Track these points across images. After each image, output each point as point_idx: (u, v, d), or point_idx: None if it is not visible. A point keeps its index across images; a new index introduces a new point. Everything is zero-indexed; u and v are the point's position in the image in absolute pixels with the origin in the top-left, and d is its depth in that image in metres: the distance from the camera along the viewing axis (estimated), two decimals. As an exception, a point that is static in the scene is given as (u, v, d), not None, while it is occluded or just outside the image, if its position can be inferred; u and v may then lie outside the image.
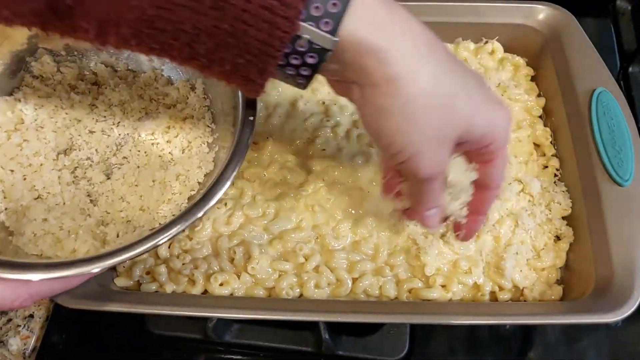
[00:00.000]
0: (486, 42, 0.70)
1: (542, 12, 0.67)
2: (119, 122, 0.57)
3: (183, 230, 0.44)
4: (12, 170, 0.52)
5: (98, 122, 0.57)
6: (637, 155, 0.56)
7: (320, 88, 0.67)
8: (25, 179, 0.52)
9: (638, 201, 0.54)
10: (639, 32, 0.77)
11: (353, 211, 0.59)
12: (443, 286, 0.55)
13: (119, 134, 0.57)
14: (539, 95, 0.67)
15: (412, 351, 0.57)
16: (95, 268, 0.42)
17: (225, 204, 0.58)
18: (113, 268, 0.57)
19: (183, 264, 0.56)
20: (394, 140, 0.40)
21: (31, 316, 0.60)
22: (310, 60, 0.37)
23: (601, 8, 0.80)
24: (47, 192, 0.52)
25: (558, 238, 0.58)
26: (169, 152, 0.55)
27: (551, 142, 0.63)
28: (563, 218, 0.58)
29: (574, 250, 0.57)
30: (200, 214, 0.44)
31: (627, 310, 0.48)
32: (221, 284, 0.54)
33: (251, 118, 0.48)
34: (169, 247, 0.57)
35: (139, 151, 0.56)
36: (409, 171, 0.42)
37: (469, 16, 0.68)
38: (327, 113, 0.66)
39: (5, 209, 0.50)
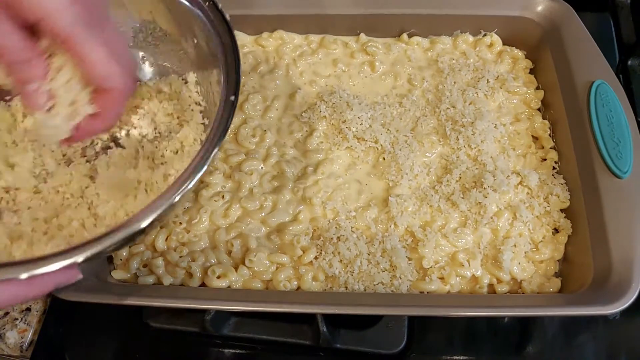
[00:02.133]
0: (485, 35, 0.70)
1: (541, 5, 0.67)
2: None
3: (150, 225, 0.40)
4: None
5: None
6: (635, 148, 0.56)
7: (318, 81, 0.67)
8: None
9: (636, 193, 0.54)
10: (638, 25, 0.77)
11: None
12: (441, 279, 0.55)
13: (106, 137, 0.56)
14: (537, 88, 0.67)
15: (410, 344, 0.56)
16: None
17: (223, 197, 0.58)
18: (110, 260, 0.56)
19: (180, 257, 0.55)
20: None
21: (28, 309, 0.59)
22: None
23: (600, 1, 0.80)
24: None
25: (556, 230, 0.58)
26: (161, 155, 0.54)
27: (550, 135, 0.63)
28: (561, 211, 0.58)
29: (572, 243, 0.57)
30: (165, 206, 0.40)
31: (626, 302, 0.48)
32: (219, 277, 0.54)
33: (232, 98, 0.44)
34: (166, 240, 0.56)
35: (128, 152, 0.55)
36: None
37: (468, 8, 0.68)
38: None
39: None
